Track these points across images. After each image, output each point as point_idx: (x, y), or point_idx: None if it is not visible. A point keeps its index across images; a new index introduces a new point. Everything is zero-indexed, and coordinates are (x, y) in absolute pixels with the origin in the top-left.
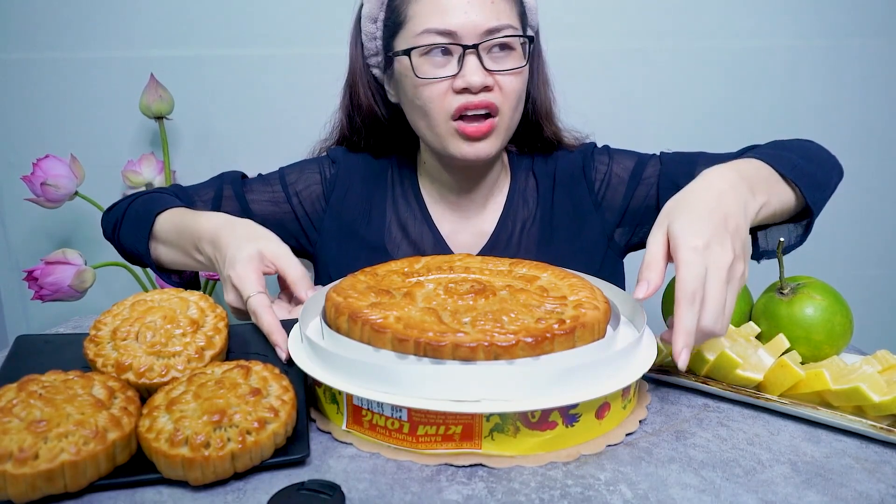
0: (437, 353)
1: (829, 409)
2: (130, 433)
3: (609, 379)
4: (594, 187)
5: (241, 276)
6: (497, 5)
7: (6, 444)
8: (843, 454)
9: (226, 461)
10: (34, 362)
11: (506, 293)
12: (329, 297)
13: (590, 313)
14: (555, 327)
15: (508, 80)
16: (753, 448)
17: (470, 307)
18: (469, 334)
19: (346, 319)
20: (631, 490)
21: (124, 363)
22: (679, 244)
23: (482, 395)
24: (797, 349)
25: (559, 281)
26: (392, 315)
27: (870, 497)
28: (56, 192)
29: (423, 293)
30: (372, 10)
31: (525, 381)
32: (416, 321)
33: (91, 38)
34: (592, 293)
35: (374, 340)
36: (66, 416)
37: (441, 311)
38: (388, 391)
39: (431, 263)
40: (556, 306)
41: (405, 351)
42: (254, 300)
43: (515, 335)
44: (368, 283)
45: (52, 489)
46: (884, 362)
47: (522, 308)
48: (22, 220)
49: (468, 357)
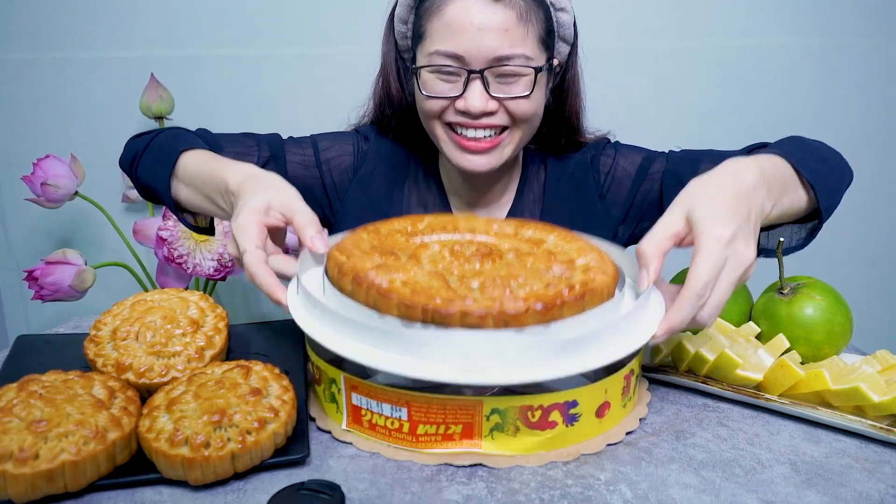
0: (444, 320)
1: (828, 409)
2: (130, 433)
3: (621, 343)
4: (600, 179)
5: (241, 226)
6: (511, 33)
7: (6, 444)
8: (842, 454)
9: (226, 461)
10: (34, 362)
11: (512, 257)
12: (332, 255)
13: (598, 278)
14: (564, 293)
15: (516, 104)
16: (753, 448)
17: (477, 272)
18: (478, 301)
19: (350, 281)
20: (631, 490)
21: (124, 363)
22: (704, 231)
23: (490, 364)
24: (797, 349)
25: (566, 244)
26: (398, 279)
27: (869, 497)
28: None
29: (429, 255)
30: (402, 13)
31: (534, 350)
32: (422, 286)
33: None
34: (600, 256)
35: (379, 305)
36: (67, 416)
37: (448, 275)
38: (393, 358)
39: (435, 223)
40: (564, 270)
41: (412, 317)
42: (248, 256)
43: (525, 302)
44: (372, 243)
45: (53, 489)
46: (883, 362)
47: (530, 273)
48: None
49: (476, 324)
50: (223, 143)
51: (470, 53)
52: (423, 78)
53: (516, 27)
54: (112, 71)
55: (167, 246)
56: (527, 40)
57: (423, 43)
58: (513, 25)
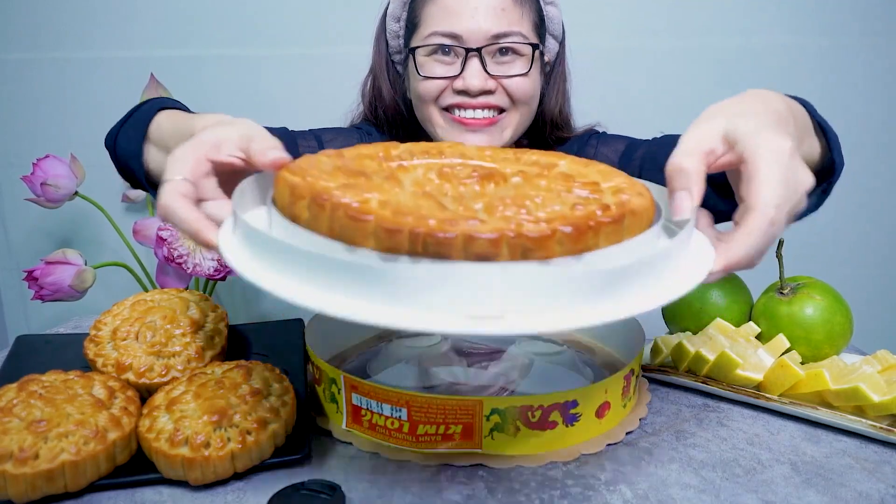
0: (442, 248)
1: (828, 409)
2: (130, 433)
3: (671, 280)
4: None
5: (174, 157)
6: (508, 13)
7: (6, 444)
8: (842, 454)
9: (226, 461)
10: (34, 362)
11: (519, 180)
12: (281, 177)
13: (635, 199)
14: (598, 214)
15: (515, 83)
16: (753, 448)
17: (477, 193)
18: (486, 222)
19: (306, 205)
20: (631, 490)
21: (124, 363)
22: (760, 144)
23: (508, 307)
24: (797, 349)
25: (583, 168)
26: (374, 198)
27: (870, 497)
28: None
29: (411, 178)
30: (395, 10)
31: (566, 287)
32: (408, 207)
33: (91, 38)
34: (629, 179)
35: (348, 233)
36: (67, 416)
37: (440, 195)
38: (372, 305)
39: (414, 149)
40: (589, 192)
41: (396, 248)
42: (165, 187)
43: (549, 224)
44: (335, 164)
45: (53, 489)
46: (883, 362)
47: (548, 193)
48: (22, 220)
49: (486, 254)
50: None
51: (469, 32)
52: (419, 60)
53: (512, 8)
54: (112, 71)
55: (167, 246)
56: (522, 22)
57: (419, 29)
58: (509, 6)
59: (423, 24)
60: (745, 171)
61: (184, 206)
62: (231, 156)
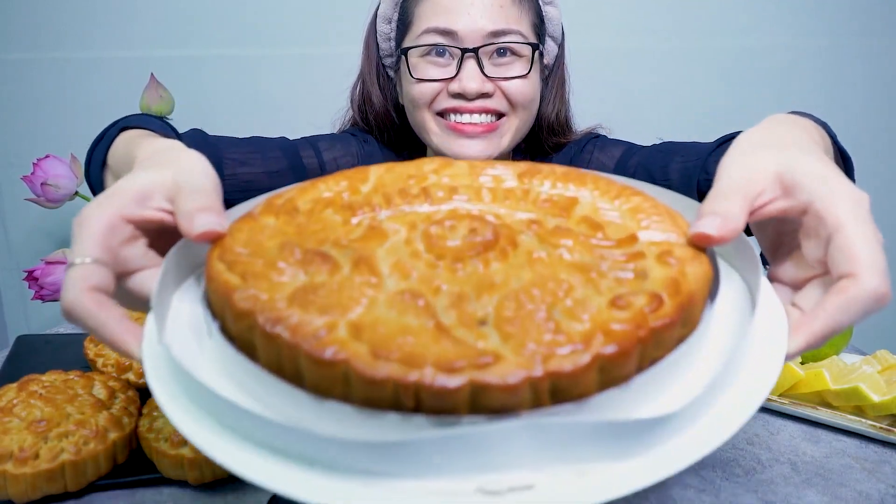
0: (443, 402)
1: (828, 409)
2: (131, 433)
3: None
4: None
5: (80, 223)
6: (506, 10)
7: (7, 444)
8: (842, 454)
9: None
10: (34, 362)
11: (531, 239)
12: (212, 269)
13: (690, 268)
14: (648, 313)
15: (514, 85)
16: (753, 448)
17: (481, 281)
18: (502, 357)
19: (249, 329)
20: None
21: (124, 363)
22: (860, 273)
23: (536, 475)
24: None
25: (610, 202)
26: (343, 321)
27: (869, 496)
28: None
29: (389, 250)
30: (386, 11)
31: (614, 436)
32: (391, 333)
33: (91, 38)
34: (674, 222)
35: (311, 377)
36: (67, 416)
37: (431, 295)
38: (348, 479)
39: (388, 180)
40: (627, 259)
41: (378, 401)
42: (67, 277)
43: (587, 346)
44: (284, 234)
45: (53, 489)
46: (883, 362)
47: (576, 273)
48: (22, 220)
49: (504, 406)
50: (222, 146)
51: (466, 29)
52: (412, 62)
53: (510, 6)
54: (112, 71)
55: None
56: (521, 21)
57: (412, 28)
58: (507, 3)
59: (415, 22)
60: (817, 227)
61: (94, 308)
62: (159, 210)
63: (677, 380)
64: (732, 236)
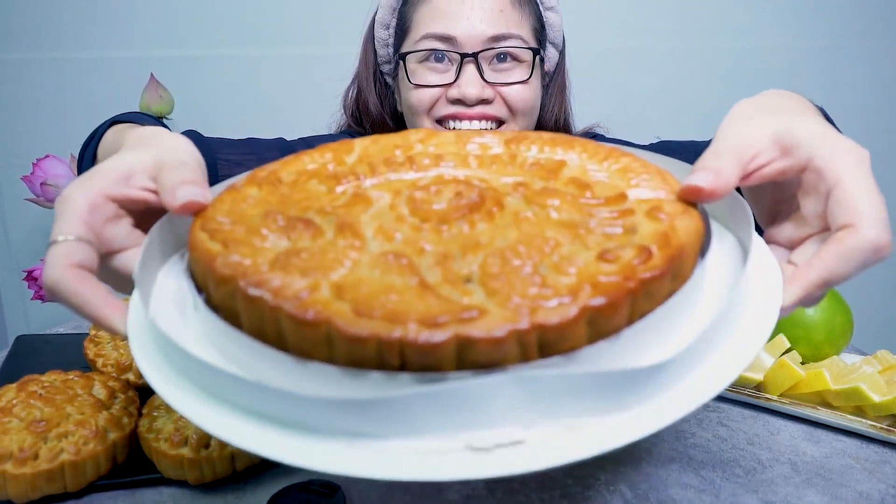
0: (428, 358)
1: (829, 410)
2: (130, 433)
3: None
4: None
5: (63, 200)
6: (506, 14)
7: (6, 444)
8: (843, 454)
9: (226, 461)
10: (34, 362)
11: (517, 200)
12: (194, 238)
13: (680, 222)
14: (637, 265)
15: (514, 91)
16: (753, 448)
17: (466, 241)
18: (487, 311)
19: (231, 295)
20: (631, 490)
21: (124, 363)
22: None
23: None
24: (797, 349)
25: (598, 164)
26: (325, 282)
27: (870, 497)
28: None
29: (373, 216)
30: (384, 17)
31: (605, 388)
32: (374, 292)
33: (91, 38)
34: (662, 177)
35: (294, 340)
36: (67, 417)
37: (416, 256)
38: (333, 441)
39: (373, 151)
40: (616, 216)
41: (362, 360)
42: (49, 254)
43: (575, 298)
44: (268, 206)
45: (53, 489)
46: (884, 362)
47: (563, 229)
48: (22, 220)
49: (490, 360)
50: (217, 147)
51: (465, 34)
52: (410, 68)
53: (511, 10)
54: (112, 71)
55: None
56: (522, 26)
57: (410, 34)
58: (507, 8)
59: (414, 27)
60: (816, 182)
61: (77, 285)
62: (142, 189)
63: (669, 332)
64: (723, 192)
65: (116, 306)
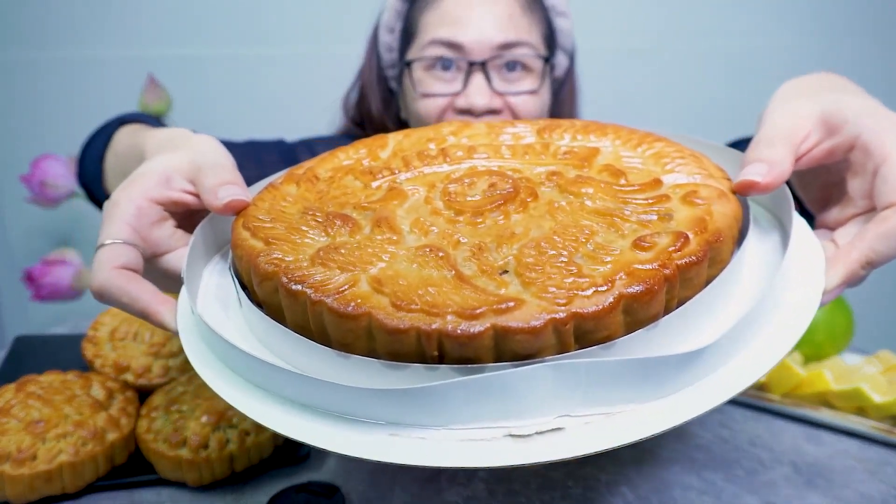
0: (465, 350)
1: (830, 410)
2: (129, 434)
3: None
4: None
5: (111, 205)
6: (516, 21)
7: (4, 445)
8: (844, 455)
9: (224, 462)
10: (33, 362)
11: (551, 190)
12: (237, 236)
13: (718, 207)
14: (673, 253)
15: (522, 101)
16: (755, 449)
17: (501, 232)
18: (523, 302)
19: (274, 290)
20: (632, 491)
21: (123, 364)
22: (881, 125)
23: (565, 416)
24: (799, 349)
25: (632, 150)
26: (364, 276)
27: (871, 498)
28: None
29: (409, 210)
30: (389, 20)
31: (644, 377)
32: (413, 285)
33: (91, 38)
34: (698, 162)
35: (336, 333)
36: (65, 417)
37: (452, 248)
38: (376, 431)
39: (407, 145)
40: (652, 202)
41: (401, 352)
42: (97, 258)
43: (611, 287)
44: (305, 200)
45: (51, 490)
46: (885, 363)
47: (598, 218)
48: (21, 220)
49: (528, 351)
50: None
51: (473, 41)
52: (416, 76)
53: (520, 16)
54: (112, 71)
55: None
56: (532, 32)
57: (416, 39)
58: (517, 14)
59: (420, 33)
60: (864, 160)
61: (125, 284)
62: (183, 191)
63: (708, 319)
64: (779, 183)
65: (165, 302)
